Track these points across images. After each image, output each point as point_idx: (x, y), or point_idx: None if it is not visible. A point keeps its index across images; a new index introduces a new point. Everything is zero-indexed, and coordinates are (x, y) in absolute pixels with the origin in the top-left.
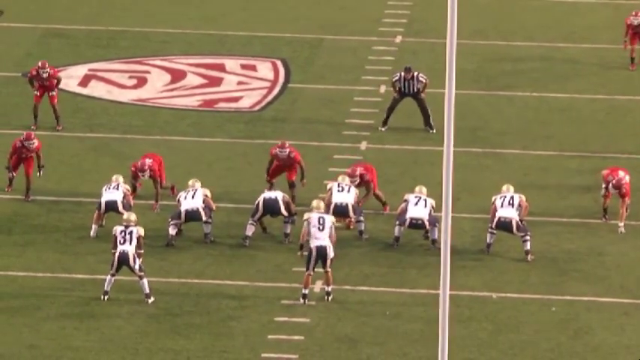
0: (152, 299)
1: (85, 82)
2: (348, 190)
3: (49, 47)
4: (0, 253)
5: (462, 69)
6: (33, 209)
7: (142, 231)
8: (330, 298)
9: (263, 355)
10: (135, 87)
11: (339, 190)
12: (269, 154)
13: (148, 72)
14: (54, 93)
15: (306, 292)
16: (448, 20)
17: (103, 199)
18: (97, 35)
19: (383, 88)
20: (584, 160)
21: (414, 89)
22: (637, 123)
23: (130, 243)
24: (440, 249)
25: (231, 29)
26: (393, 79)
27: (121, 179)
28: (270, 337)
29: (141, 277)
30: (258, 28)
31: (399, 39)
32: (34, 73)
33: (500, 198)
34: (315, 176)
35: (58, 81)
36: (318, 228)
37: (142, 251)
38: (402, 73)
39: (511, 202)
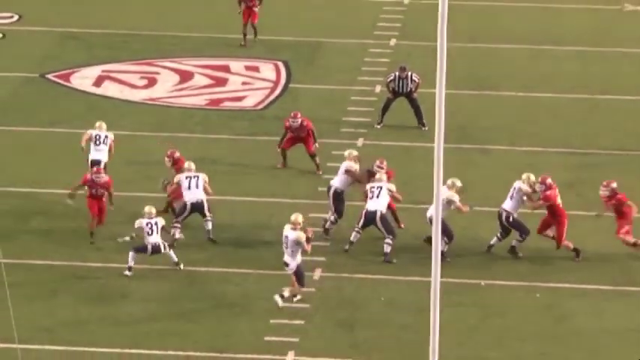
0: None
1: (98, 82)
2: (378, 195)
3: (65, 49)
4: (19, 243)
5: (453, 70)
6: (51, 201)
7: (162, 221)
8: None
9: (266, 338)
10: (146, 87)
11: (370, 197)
12: (284, 127)
13: (158, 73)
14: (256, 10)
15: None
16: (438, 24)
17: (91, 157)
18: (110, 38)
19: (378, 88)
20: (567, 156)
21: (407, 89)
22: (616, 121)
23: (158, 233)
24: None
25: (236, 33)
26: (388, 80)
27: (104, 126)
28: (272, 321)
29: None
30: (261, 31)
31: (393, 42)
32: None
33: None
34: (313, 171)
35: (260, 0)
36: (284, 245)
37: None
38: (397, 73)
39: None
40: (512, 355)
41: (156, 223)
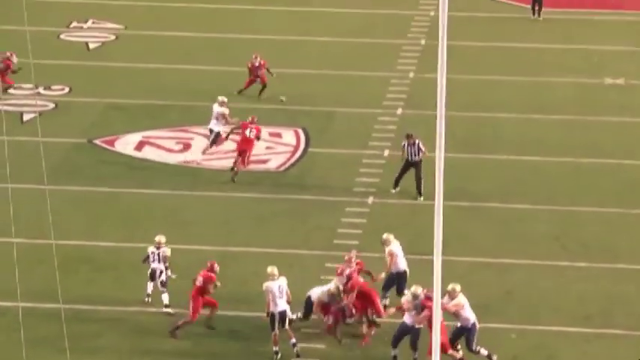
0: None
1: (139, 147)
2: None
3: (110, 118)
4: (69, 290)
5: (452, 135)
6: (96, 251)
7: (168, 252)
8: (296, 350)
9: None
10: (181, 151)
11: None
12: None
13: (191, 138)
14: (264, 75)
15: (277, 349)
16: (438, 96)
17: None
18: (149, 108)
19: (386, 152)
20: (552, 213)
21: (415, 156)
22: (597, 182)
23: (160, 262)
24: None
25: (261, 103)
26: (402, 146)
27: (224, 99)
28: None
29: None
30: (283, 102)
31: (400, 111)
32: (251, 65)
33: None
34: (329, 226)
35: (268, 69)
36: (278, 296)
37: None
38: (405, 142)
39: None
40: None
41: (159, 254)
